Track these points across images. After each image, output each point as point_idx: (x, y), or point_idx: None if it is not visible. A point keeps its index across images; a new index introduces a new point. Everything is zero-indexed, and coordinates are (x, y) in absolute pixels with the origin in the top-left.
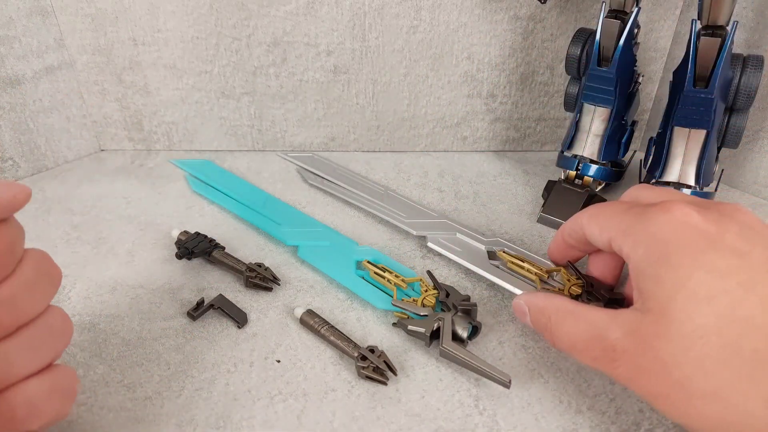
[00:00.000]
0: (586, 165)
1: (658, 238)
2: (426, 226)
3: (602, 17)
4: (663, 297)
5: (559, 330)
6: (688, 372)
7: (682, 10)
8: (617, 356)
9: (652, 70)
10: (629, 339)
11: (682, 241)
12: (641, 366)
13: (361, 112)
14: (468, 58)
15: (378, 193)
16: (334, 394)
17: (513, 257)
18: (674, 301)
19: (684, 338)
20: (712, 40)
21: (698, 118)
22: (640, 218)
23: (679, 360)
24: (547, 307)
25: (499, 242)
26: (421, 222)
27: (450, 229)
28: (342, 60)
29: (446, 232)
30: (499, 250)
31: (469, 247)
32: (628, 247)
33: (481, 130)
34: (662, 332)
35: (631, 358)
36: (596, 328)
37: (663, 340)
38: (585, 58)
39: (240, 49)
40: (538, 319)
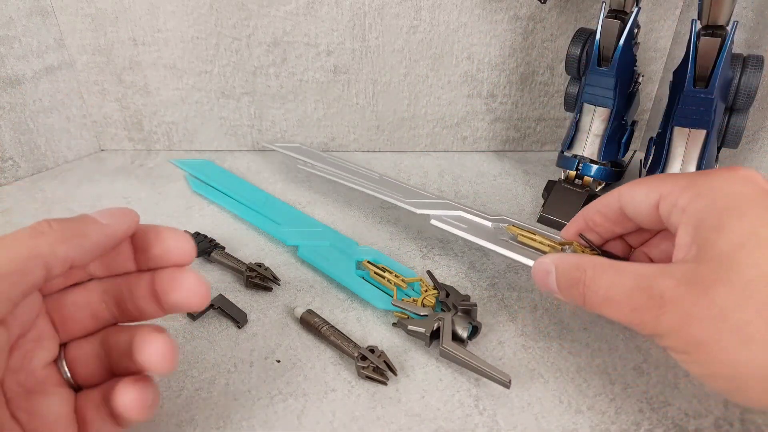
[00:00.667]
0: (586, 165)
1: (724, 191)
2: (427, 205)
3: (602, 17)
4: (728, 244)
5: (597, 282)
6: (748, 317)
7: (682, 10)
8: (665, 304)
9: (652, 70)
10: (682, 287)
11: (750, 196)
12: (692, 313)
13: (361, 112)
14: (468, 58)
15: (372, 178)
16: (334, 394)
17: (523, 230)
18: (743, 248)
19: (748, 284)
20: (712, 40)
21: (698, 118)
22: (702, 176)
23: (740, 305)
24: (583, 262)
25: (504, 219)
26: (422, 202)
27: (452, 208)
28: (342, 60)
29: (449, 210)
30: (506, 225)
31: (474, 224)
32: (686, 200)
33: (481, 130)
34: (723, 279)
35: (681, 306)
36: (643, 278)
37: (723, 286)
38: (585, 58)
39: (240, 49)
40: (568, 274)
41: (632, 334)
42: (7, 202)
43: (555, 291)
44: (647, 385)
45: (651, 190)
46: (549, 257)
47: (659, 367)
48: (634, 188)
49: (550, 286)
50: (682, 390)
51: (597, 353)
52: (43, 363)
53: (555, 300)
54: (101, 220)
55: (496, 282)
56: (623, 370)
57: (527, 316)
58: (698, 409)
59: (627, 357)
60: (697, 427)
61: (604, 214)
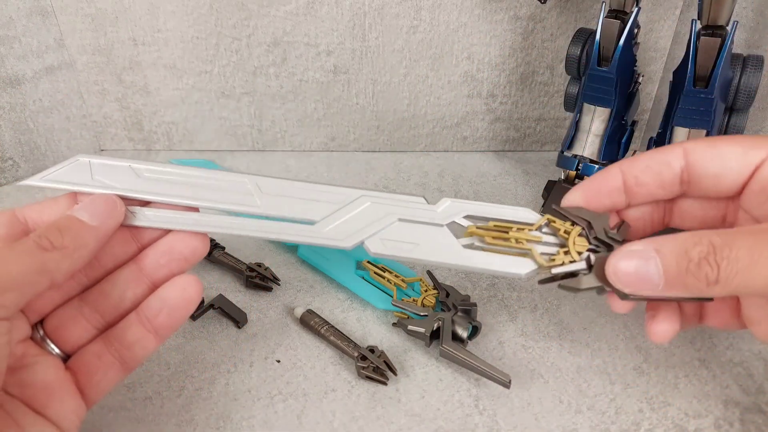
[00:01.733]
0: (586, 165)
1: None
2: (350, 225)
3: (602, 17)
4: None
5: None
6: None
7: (682, 10)
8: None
9: (652, 70)
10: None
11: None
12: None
13: (361, 112)
14: (468, 58)
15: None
16: (334, 394)
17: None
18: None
19: None
20: (712, 40)
21: (698, 118)
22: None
23: None
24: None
25: (452, 206)
26: (340, 224)
27: (382, 214)
28: (342, 60)
29: (380, 221)
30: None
31: (425, 234)
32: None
33: (481, 130)
34: None
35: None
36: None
37: None
38: (585, 58)
39: (240, 49)
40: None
41: (632, 333)
42: (7, 202)
43: (655, 285)
44: (647, 385)
45: (750, 149)
46: (638, 243)
47: (659, 367)
48: (716, 146)
49: (650, 279)
50: (682, 390)
51: (597, 353)
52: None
53: (555, 300)
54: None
55: (496, 282)
56: (623, 370)
57: (527, 316)
58: (698, 410)
59: (627, 357)
60: (697, 427)
61: (657, 173)
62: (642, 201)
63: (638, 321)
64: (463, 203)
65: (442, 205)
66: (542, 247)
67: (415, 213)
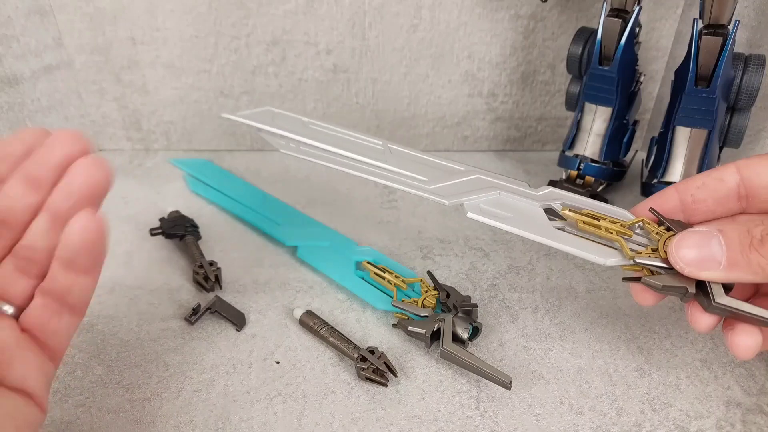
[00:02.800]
0: (587, 165)
1: None
2: (455, 189)
3: (603, 16)
4: None
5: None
6: None
7: (684, 9)
8: None
9: (654, 69)
10: None
11: None
12: None
13: (360, 111)
14: (468, 57)
15: (377, 152)
16: (334, 395)
17: (583, 215)
18: None
19: None
20: (713, 39)
21: (700, 117)
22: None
23: None
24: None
25: (552, 194)
26: (446, 186)
27: (486, 186)
28: (342, 59)
29: (483, 192)
30: (561, 207)
31: (520, 210)
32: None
33: (482, 130)
34: None
35: None
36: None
37: None
38: (586, 57)
39: (239, 48)
40: (749, 232)
41: (634, 334)
42: None
43: (718, 262)
44: (649, 386)
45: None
46: (703, 226)
47: (661, 368)
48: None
49: (712, 257)
50: (683, 391)
51: (598, 354)
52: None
53: (556, 301)
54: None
55: (497, 283)
56: (625, 371)
57: (528, 317)
58: (700, 410)
59: (628, 358)
60: (699, 428)
61: (713, 190)
62: (702, 218)
63: (639, 322)
64: (563, 193)
65: (543, 190)
66: (631, 244)
67: (517, 191)
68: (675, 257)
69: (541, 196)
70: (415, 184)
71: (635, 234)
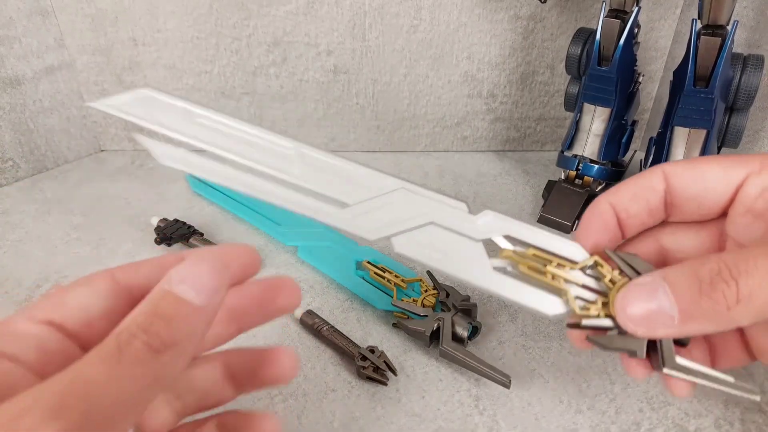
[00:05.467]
0: (586, 165)
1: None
2: (381, 214)
3: (602, 17)
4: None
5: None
6: None
7: (683, 10)
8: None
9: (653, 69)
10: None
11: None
12: None
13: (361, 112)
14: (468, 57)
15: (285, 158)
16: (334, 394)
17: (526, 256)
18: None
19: None
20: (712, 39)
21: (698, 117)
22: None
23: None
24: (711, 256)
25: (493, 222)
26: (369, 208)
27: (417, 213)
28: (342, 60)
29: (413, 219)
30: (504, 246)
31: (455, 245)
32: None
33: (482, 130)
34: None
35: None
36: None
37: None
38: (585, 57)
39: (240, 49)
40: (696, 275)
41: None
42: (7, 202)
43: (670, 317)
44: (647, 384)
45: (730, 168)
46: (645, 276)
47: None
48: (696, 166)
49: (663, 312)
50: None
51: (597, 353)
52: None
53: None
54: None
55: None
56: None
57: (527, 316)
58: (698, 409)
59: None
60: (698, 426)
61: (645, 199)
62: (635, 231)
63: None
64: (507, 221)
65: (483, 218)
66: (580, 290)
67: (452, 220)
68: (623, 319)
69: (482, 225)
70: (330, 212)
71: (587, 277)
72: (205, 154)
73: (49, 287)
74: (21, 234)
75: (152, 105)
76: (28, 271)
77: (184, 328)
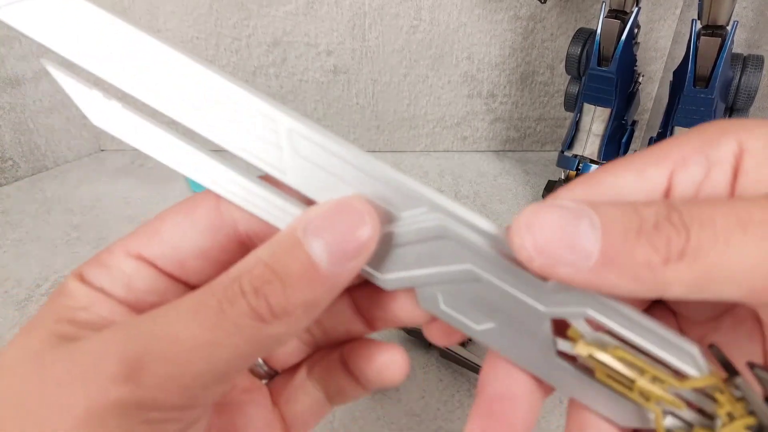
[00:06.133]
0: (586, 165)
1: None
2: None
3: (602, 17)
4: None
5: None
6: None
7: (682, 10)
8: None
9: (653, 69)
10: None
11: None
12: None
13: (360, 112)
14: (468, 58)
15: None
16: None
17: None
18: None
19: None
20: (712, 39)
21: (699, 118)
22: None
23: None
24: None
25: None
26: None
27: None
28: (342, 60)
29: (448, 263)
30: (581, 330)
31: (510, 314)
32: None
33: (482, 130)
34: None
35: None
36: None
37: None
38: (585, 57)
39: (240, 50)
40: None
41: None
42: (7, 202)
43: (587, 254)
44: None
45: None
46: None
47: None
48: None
49: (580, 244)
50: None
51: None
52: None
53: None
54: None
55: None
56: None
57: None
58: None
59: None
60: None
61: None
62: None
63: None
64: (597, 298)
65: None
66: (674, 420)
67: (513, 278)
68: (517, 238)
69: (553, 293)
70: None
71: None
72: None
73: (49, 287)
74: (21, 234)
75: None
76: (28, 271)
77: (302, 297)
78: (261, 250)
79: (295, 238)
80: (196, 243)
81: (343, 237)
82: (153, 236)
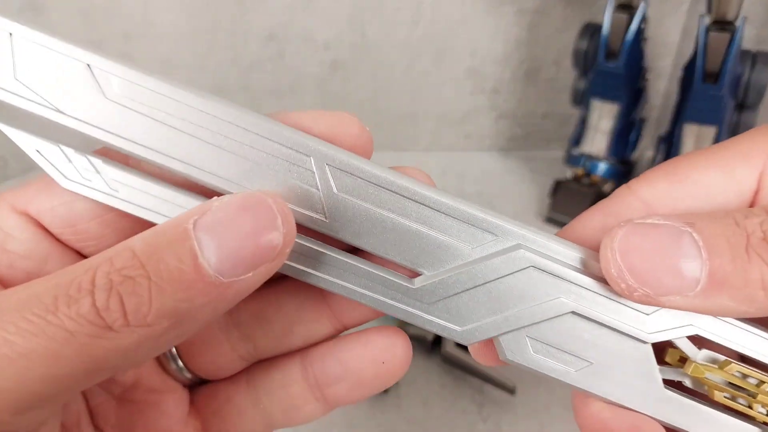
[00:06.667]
0: (593, 163)
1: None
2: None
3: (610, 11)
4: None
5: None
6: None
7: (691, 4)
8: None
9: (661, 65)
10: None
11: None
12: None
13: (360, 108)
14: (471, 52)
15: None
16: None
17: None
18: None
19: None
20: (720, 35)
21: (708, 115)
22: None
23: None
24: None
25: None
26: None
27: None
28: (341, 54)
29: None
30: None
31: (609, 351)
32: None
33: (486, 127)
34: None
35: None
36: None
37: None
38: (592, 52)
39: (236, 44)
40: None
41: None
42: None
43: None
44: None
45: (735, 168)
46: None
47: None
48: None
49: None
50: None
51: None
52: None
53: None
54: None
55: None
56: None
57: None
58: None
59: None
60: None
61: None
62: None
63: None
64: (701, 318)
65: (660, 310)
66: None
67: (609, 309)
68: (617, 269)
69: (657, 319)
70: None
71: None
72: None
73: None
74: None
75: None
76: None
77: (171, 304)
78: (137, 236)
79: (182, 229)
80: (92, 201)
81: (243, 240)
82: (44, 189)
